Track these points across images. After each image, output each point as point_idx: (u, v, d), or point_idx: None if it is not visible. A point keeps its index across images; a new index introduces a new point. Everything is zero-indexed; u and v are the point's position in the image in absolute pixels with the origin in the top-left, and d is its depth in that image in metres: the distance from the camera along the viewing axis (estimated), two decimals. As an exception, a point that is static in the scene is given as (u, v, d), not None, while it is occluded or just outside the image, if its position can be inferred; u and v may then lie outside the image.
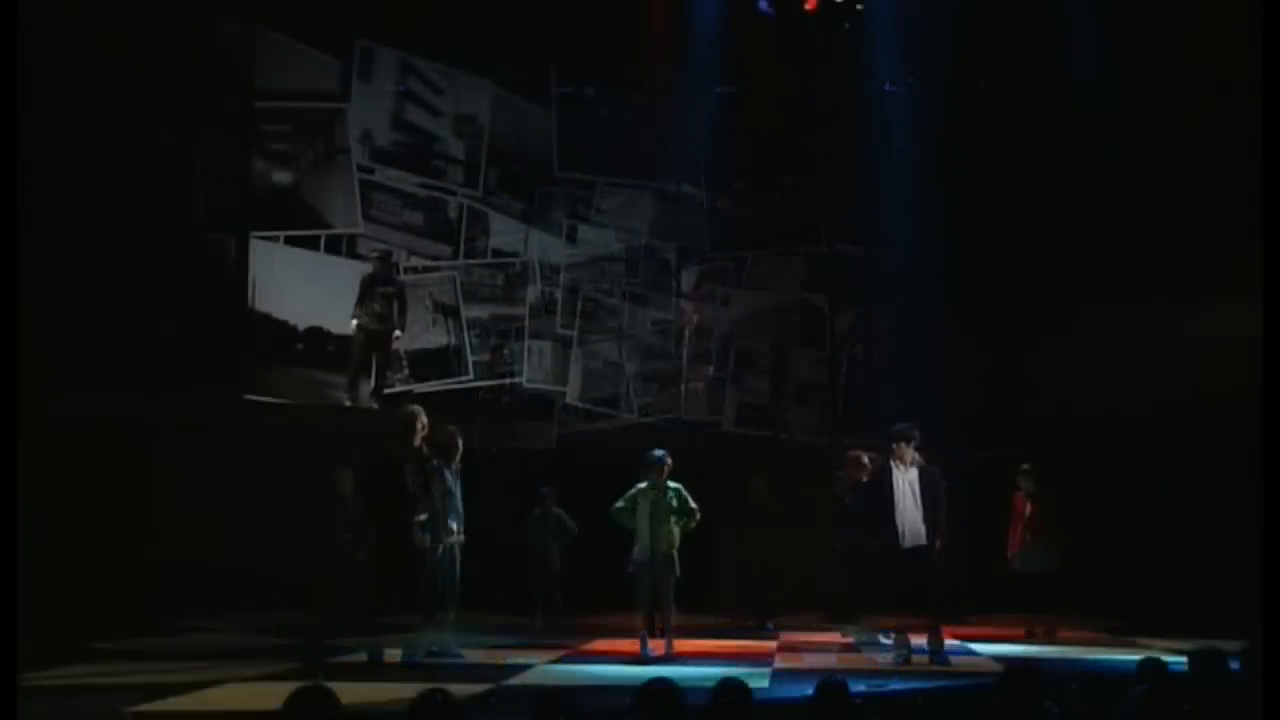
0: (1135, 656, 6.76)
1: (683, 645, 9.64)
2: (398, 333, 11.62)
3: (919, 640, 9.39)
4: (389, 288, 11.63)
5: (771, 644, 10.54)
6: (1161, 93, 12.19)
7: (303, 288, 11.45)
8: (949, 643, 9.65)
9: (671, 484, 9.60)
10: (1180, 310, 12.15)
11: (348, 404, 11.56)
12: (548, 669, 8.91)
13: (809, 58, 13.66)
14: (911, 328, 13.42)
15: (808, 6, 13.55)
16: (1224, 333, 11.57)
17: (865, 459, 10.68)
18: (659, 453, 9.68)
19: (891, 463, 9.58)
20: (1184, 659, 5.78)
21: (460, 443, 9.54)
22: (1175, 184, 12.20)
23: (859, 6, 13.72)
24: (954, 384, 12.76)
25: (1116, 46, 12.36)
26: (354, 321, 11.47)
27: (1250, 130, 9.04)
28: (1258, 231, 8.38)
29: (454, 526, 9.16)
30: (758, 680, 7.78)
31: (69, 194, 9.45)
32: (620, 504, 9.60)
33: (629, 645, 9.89)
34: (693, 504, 9.61)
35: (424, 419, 9.00)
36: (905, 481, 9.44)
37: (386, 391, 11.65)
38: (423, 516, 8.78)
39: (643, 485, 9.58)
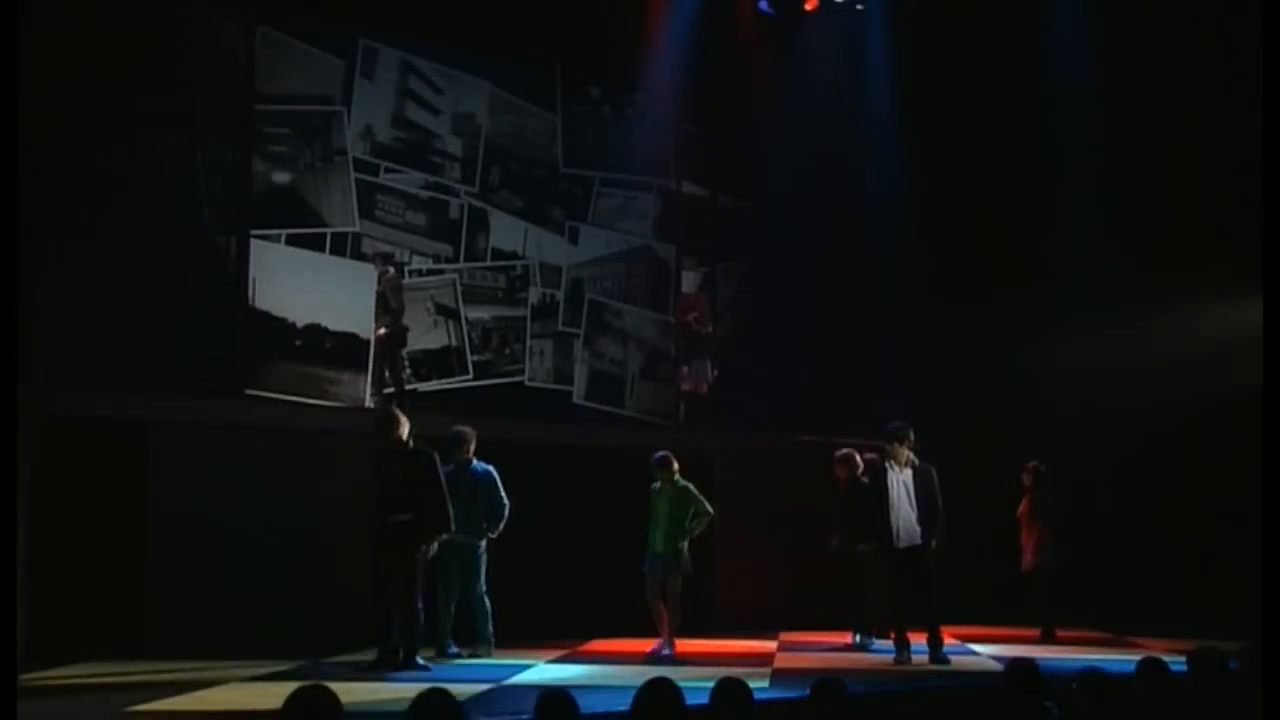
0: (1135, 656, 6.76)
1: (683, 645, 9.64)
2: (382, 330, 11.63)
3: (919, 640, 9.39)
4: (378, 286, 11.73)
5: (772, 644, 10.55)
6: (1153, 79, 12.19)
7: (302, 286, 11.45)
8: (949, 643, 9.66)
9: (680, 483, 9.62)
10: (1176, 308, 12.15)
11: (336, 404, 11.51)
12: (548, 669, 8.92)
13: (809, 57, 13.66)
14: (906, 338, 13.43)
15: (808, 6, 13.56)
16: (1223, 330, 11.58)
17: (858, 457, 10.64)
18: (660, 453, 9.72)
19: (886, 463, 9.57)
20: (1184, 659, 5.79)
21: (467, 441, 9.51)
22: (1168, 175, 12.19)
23: (859, 6, 13.74)
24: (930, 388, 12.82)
25: (1108, 33, 12.37)
26: None
27: (1250, 120, 9.03)
28: (1256, 226, 8.38)
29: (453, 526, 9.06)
30: (758, 680, 7.78)
31: (69, 194, 9.42)
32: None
33: (629, 645, 9.91)
34: (702, 506, 9.58)
35: (401, 414, 9.02)
36: (899, 482, 9.43)
37: (386, 391, 11.64)
38: (406, 516, 8.71)
39: (656, 485, 9.64)
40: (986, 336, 12.89)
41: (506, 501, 9.49)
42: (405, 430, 8.85)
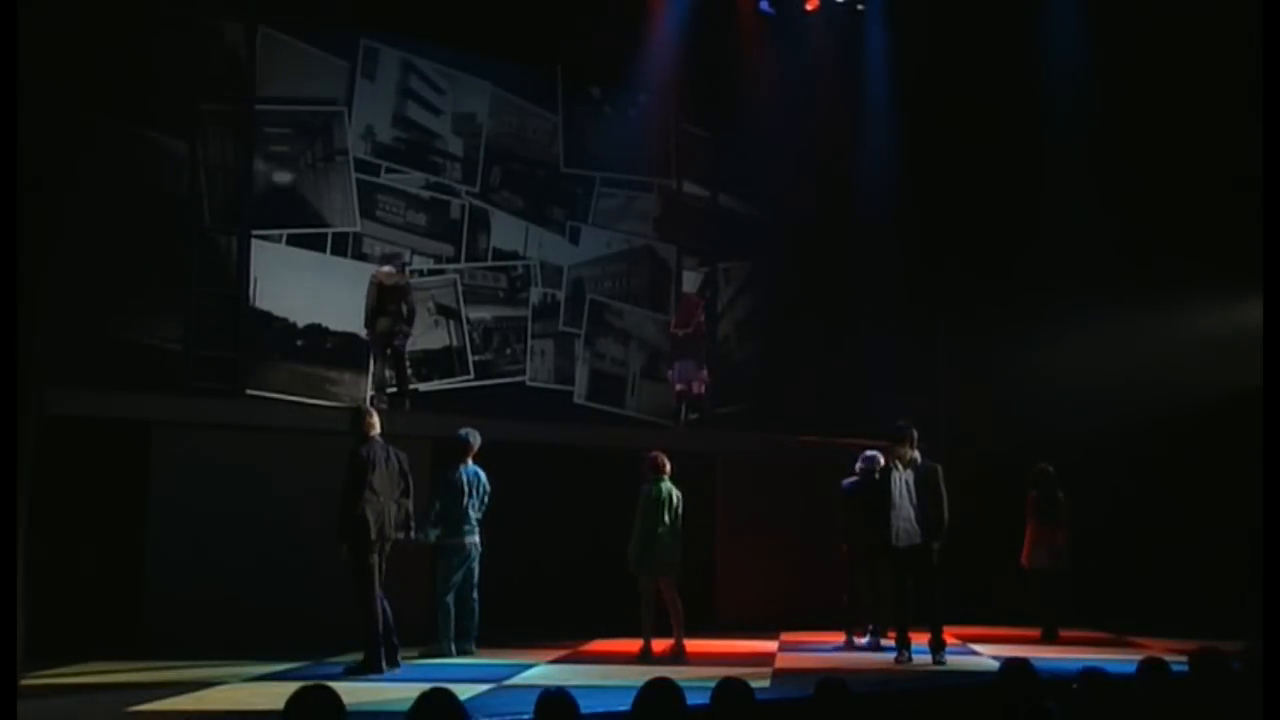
0: (1136, 656, 6.76)
1: (686, 645, 9.62)
2: (364, 332, 11.56)
3: (921, 641, 9.39)
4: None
5: (773, 644, 10.54)
6: (1152, 78, 12.18)
7: (303, 286, 11.47)
8: (950, 643, 9.65)
9: (655, 487, 9.55)
10: (1178, 307, 12.14)
11: (336, 404, 11.47)
12: (548, 669, 8.91)
13: (809, 57, 13.67)
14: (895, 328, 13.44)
15: (808, 6, 13.57)
16: (1223, 331, 11.57)
17: (881, 460, 10.60)
18: (650, 454, 9.71)
19: (891, 463, 9.58)
20: (1184, 659, 5.78)
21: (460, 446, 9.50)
22: (1169, 174, 12.17)
23: (860, 6, 13.74)
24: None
25: (1105, 33, 12.37)
26: None
27: (1250, 118, 9.01)
28: (1257, 225, 8.36)
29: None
30: (759, 680, 7.78)
31: (69, 194, 9.42)
32: None
33: (629, 645, 9.90)
34: (664, 514, 9.47)
35: (366, 408, 9.05)
36: (902, 481, 9.44)
37: (390, 390, 11.61)
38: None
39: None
40: (987, 336, 12.88)
41: (430, 509, 9.29)
42: (375, 426, 8.77)
